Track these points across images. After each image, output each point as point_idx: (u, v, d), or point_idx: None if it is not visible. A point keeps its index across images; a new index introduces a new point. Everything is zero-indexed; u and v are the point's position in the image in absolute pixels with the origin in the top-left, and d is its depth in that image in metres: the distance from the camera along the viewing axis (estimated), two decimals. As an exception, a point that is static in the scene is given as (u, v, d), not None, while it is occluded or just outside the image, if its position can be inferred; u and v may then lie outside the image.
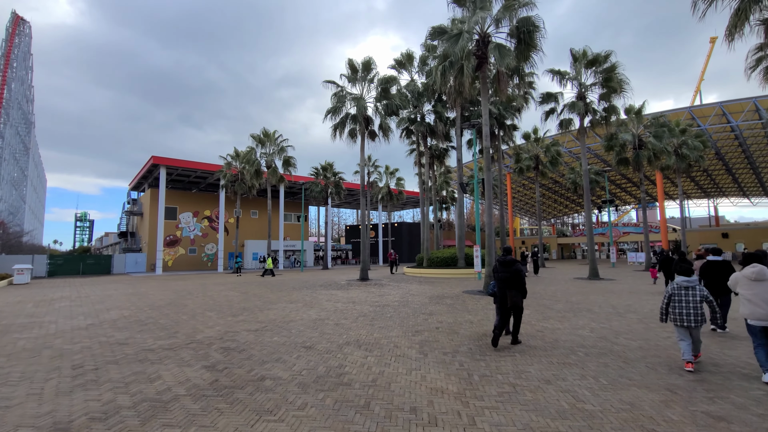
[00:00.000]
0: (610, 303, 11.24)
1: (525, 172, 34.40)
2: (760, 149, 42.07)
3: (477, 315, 9.47)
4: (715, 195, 66.26)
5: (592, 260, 20.25)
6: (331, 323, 8.58)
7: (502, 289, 6.50)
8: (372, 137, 21.76)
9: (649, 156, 26.61)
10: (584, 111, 20.33)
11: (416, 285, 17.42)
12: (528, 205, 76.23)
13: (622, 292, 13.92)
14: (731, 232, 45.53)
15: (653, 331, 7.53)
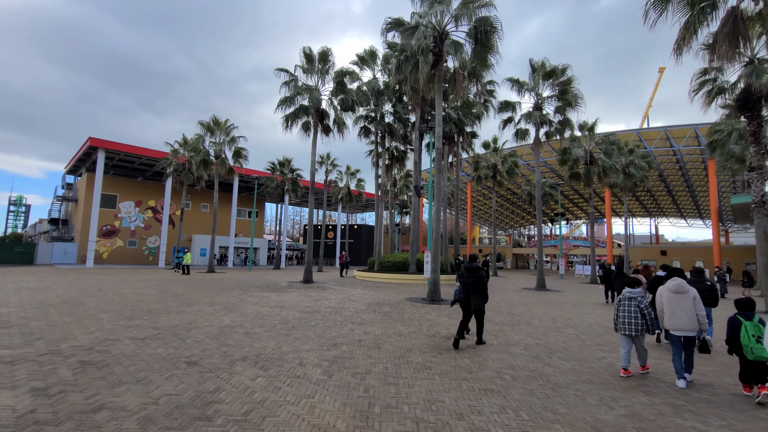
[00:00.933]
0: (551, 316, 10.87)
1: (483, 180, 34.60)
2: (698, 174, 45.07)
3: (410, 326, 8.67)
4: (657, 214, 70.75)
5: (541, 271, 20.27)
6: (240, 332, 7.44)
7: (466, 294, 6.97)
8: (326, 132, 20.67)
9: (599, 172, 27.41)
10: (540, 122, 20.40)
11: (361, 290, 16.49)
12: (487, 215, 77.73)
13: (565, 305, 13.73)
14: (669, 250, 48.45)
15: (588, 349, 7.04)
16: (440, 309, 11.51)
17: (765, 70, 13.93)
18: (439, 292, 13.27)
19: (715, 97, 15.79)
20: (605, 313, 11.85)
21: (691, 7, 8.69)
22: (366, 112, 25.17)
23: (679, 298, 5.24)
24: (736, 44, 7.95)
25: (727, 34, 7.89)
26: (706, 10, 8.24)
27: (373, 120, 24.93)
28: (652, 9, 8.92)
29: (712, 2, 8.30)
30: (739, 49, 8.05)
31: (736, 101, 15.13)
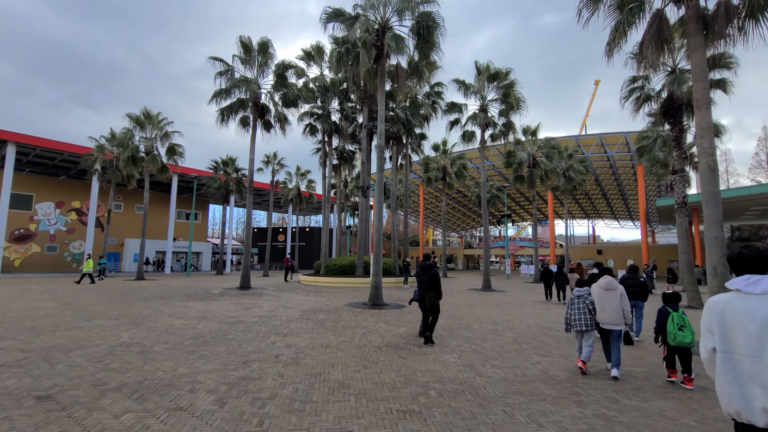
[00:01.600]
0: (492, 318, 10.64)
1: (433, 182, 34.79)
2: (628, 178, 48.65)
3: (342, 335, 7.94)
4: (594, 216, 75.82)
5: (486, 272, 20.42)
6: (134, 352, 6.30)
7: (422, 291, 7.40)
8: (267, 128, 19.45)
9: (542, 175, 28.44)
10: (485, 124, 20.61)
11: (301, 295, 15.50)
12: (440, 216, 79.08)
13: (507, 305, 13.70)
14: (604, 250, 51.85)
15: (524, 354, 6.72)
16: (381, 314, 10.90)
17: (685, 79, 14.90)
18: (382, 296, 12.68)
19: (642, 104, 16.68)
20: (544, 313, 11.88)
21: (620, 9, 8.80)
22: (311, 109, 24.17)
23: (608, 295, 5.65)
24: (662, 47, 8.11)
25: (653, 35, 8.02)
26: (633, 11, 8.34)
27: (319, 117, 23.99)
28: (585, 8, 8.95)
29: (639, 4, 8.41)
30: (664, 54, 8.18)
31: (661, 108, 16.09)
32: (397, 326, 9.07)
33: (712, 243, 7.36)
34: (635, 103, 16.56)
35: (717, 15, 7.71)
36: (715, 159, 7.51)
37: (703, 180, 7.57)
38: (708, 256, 7.44)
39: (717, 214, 7.37)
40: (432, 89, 25.56)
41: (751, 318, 1.87)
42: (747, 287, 1.93)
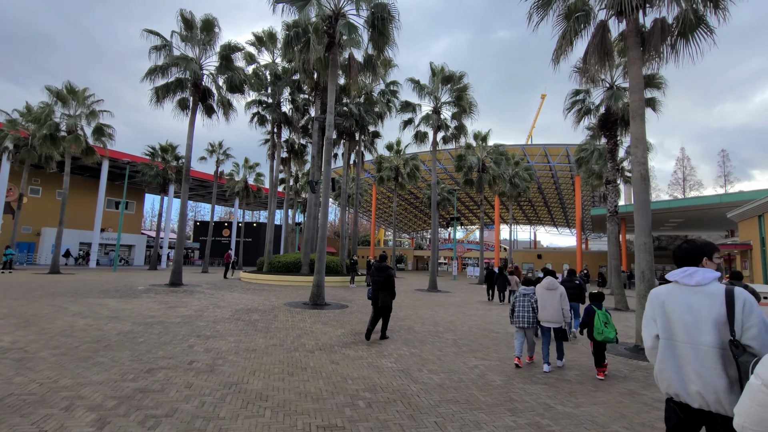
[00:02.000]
0: (434, 319, 10.48)
1: (386, 182, 34.64)
2: (567, 189, 51.89)
3: (273, 338, 7.29)
4: (536, 223, 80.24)
5: (433, 272, 20.51)
6: (10, 359, 5.23)
7: (376, 291, 7.56)
8: (209, 113, 18.05)
9: (490, 180, 29.32)
10: (437, 125, 20.71)
11: (238, 294, 14.47)
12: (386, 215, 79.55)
13: (451, 306, 13.70)
14: (544, 254, 54.93)
15: (463, 357, 6.53)
16: (320, 315, 10.33)
17: (621, 95, 15.87)
18: (323, 296, 12.10)
19: (582, 116, 17.57)
20: (486, 314, 11.98)
21: (567, 18, 8.99)
22: (260, 98, 22.91)
23: (549, 295, 6.07)
24: (604, 57, 8.38)
25: (597, 45, 8.27)
26: (580, 20, 8.55)
27: (268, 107, 22.79)
28: (535, 13, 9.04)
29: (585, 13, 8.63)
30: (605, 66, 8.45)
31: (599, 122, 17.04)
32: (335, 328, 8.57)
33: (641, 248, 7.67)
34: (576, 115, 17.41)
35: (653, 31, 8.09)
36: (647, 168, 7.86)
37: (636, 188, 7.89)
38: (637, 261, 7.75)
39: (646, 222, 7.70)
40: (387, 87, 25.31)
41: (688, 308, 1.99)
42: (684, 279, 2.06)
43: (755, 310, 1.87)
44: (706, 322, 1.93)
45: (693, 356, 1.93)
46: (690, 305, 1.99)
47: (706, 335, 1.92)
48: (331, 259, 22.06)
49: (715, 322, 1.91)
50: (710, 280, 2.00)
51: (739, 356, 1.80)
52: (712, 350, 1.89)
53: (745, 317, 1.86)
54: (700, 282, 2.00)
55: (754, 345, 1.81)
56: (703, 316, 1.94)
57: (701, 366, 1.90)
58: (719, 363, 1.87)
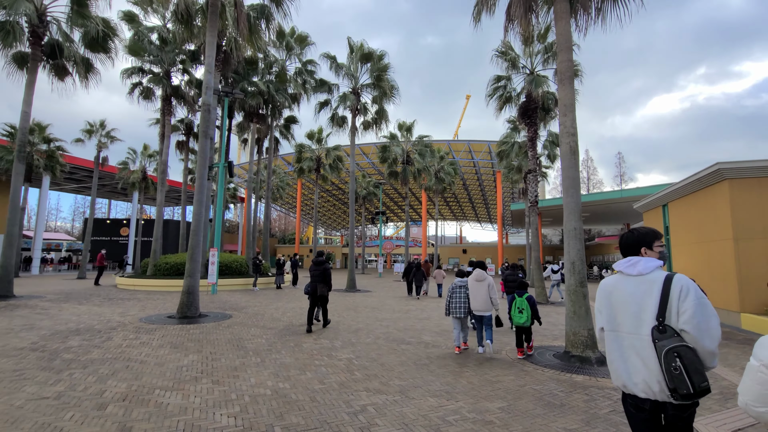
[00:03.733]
0: (337, 328, 8.49)
1: (307, 173, 32.03)
2: (489, 185, 53.64)
3: (65, 381, 4.68)
4: (461, 219, 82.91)
5: (351, 271, 18.60)
6: None
7: (314, 283, 8.27)
8: (60, 75, 14.04)
9: (415, 172, 28.28)
10: (356, 108, 18.78)
11: (88, 306, 11.09)
12: (319, 213, 76.51)
13: (365, 309, 11.85)
14: (468, 249, 56.31)
15: (349, 392, 4.59)
16: (181, 332, 7.75)
17: (541, 82, 15.35)
18: (197, 305, 9.47)
19: (504, 104, 16.87)
20: (401, 317, 10.30)
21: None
22: (142, 65, 18.97)
23: (478, 286, 6.31)
24: (528, 10, 6.95)
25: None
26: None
27: (154, 77, 18.94)
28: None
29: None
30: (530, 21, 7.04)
31: (519, 110, 16.44)
32: (186, 353, 6.13)
33: (571, 235, 6.43)
34: (498, 101, 16.66)
35: (582, -17, 6.93)
36: (577, 140, 6.67)
37: (564, 163, 6.66)
38: (566, 250, 6.51)
39: (576, 203, 6.50)
40: (304, 66, 22.78)
41: (632, 298, 1.98)
42: (627, 269, 2.05)
43: (692, 294, 1.85)
44: (647, 310, 1.92)
45: (637, 346, 1.92)
46: (633, 295, 1.98)
47: (647, 323, 1.90)
48: (234, 258, 19.03)
49: (654, 310, 1.89)
50: (651, 270, 1.98)
51: (658, 340, 1.82)
52: (649, 338, 1.87)
53: (681, 302, 1.85)
54: (641, 272, 1.99)
55: (688, 328, 1.81)
56: (645, 305, 1.93)
57: (644, 355, 1.88)
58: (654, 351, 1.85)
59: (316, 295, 8.18)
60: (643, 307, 1.91)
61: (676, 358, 1.74)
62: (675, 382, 1.73)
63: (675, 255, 13.95)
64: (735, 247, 10.16)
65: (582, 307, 6.15)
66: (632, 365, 1.91)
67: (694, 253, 12.43)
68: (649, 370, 1.85)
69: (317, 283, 8.13)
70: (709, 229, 11.50)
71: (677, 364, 1.73)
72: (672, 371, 1.74)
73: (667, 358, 1.76)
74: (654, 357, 1.82)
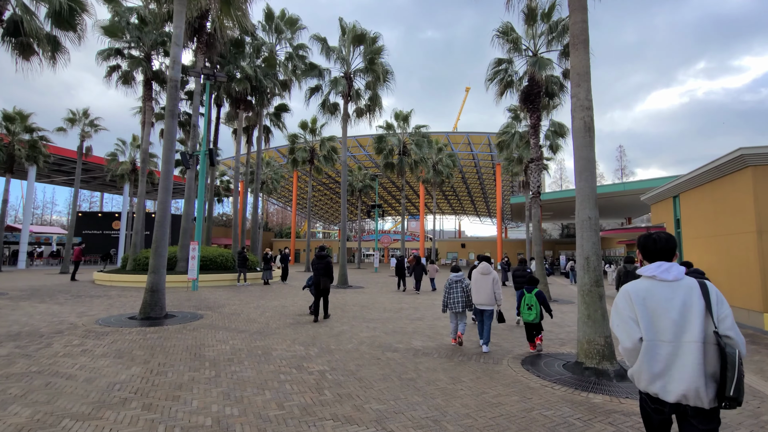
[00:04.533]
0: (317, 330, 7.56)
1: (300, 164, 30.97)
2: (489, 178, 52.63)
3: None
4: (460, 213, 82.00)
5: (343, 266, 17.64)
6: None
7: (317, 277, 8.64)
8: (25, 54, 12.96)
9: (411, 164, 27.26)
10: (348, 93, 17.71)
11: (48, 305, 10.14)
12: (316, 207, 75.63)
13: (353, 307, 10.93)
14: (467, 244, 55.44)
15: (311, 420, 3.65)
16: (138, 336, 6.80)
17: (546, 63, 14.30)
18: (162, 304, 8.52)
19: (505, 89, 15.84)
20: (391, 318, 9.37)
21: None
22: (121, 47, 17.84)
23: (483, 279, 6.28)
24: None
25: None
26: None
27: (133, 60, 17.82)
28: None
29: None
30: None
31: (522, 95, 15.41)
32: (128, 365, 5.18)
33: (584, 226, 5.47)
34: (499, 86, 15.64)
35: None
36: (592, 115, 5.68)
37: (577, 142, 5.68)
38: (579, 243, 5.55)
39: (591, 187, 5.54)
40: (295, 52, 21.70)
41: (671, 304, 1.92)
42: (662, 274, 1.97)
43: (725, 301, 1.90)
44: (692, 317, 1.88)
45: (675, 353, 1.88)
46: (671, 301, 1.93)
47: (691, 331, 1.87)
48: (220, 253, 18.07)
49: (700, 316, 1.87)
50: (683, 274, 1.97)
51: (725, 347, 1.79)
52: (694, 345, 1.85)
53: (719, 308, 1.87)
54: (677, 277, 1.96)
55: (732, 334, 1.82)
56: (688, 312, 1.89)
57: (683, 362, 1.85)
58: (700, 357, 1.83)
59: (319, 288, 8.61)
60: (686, 315, 1.88)
61: (741, 365, 1.76)
62: (740, 389, 1.74)
63: (687, 249, 13.02)
64: (758, 240, 9.22)
65: (598, 310, 5.21)
66: (668, 373, 1.88)
67: (710, 247, 11.49)
68: (687, 376, 1.82)
69: (320, 276, 8.57)
70: (728, 221, 10.56)
71: (742, 371, 1.75)
72: (741, 378, 1.74)
73: (739, 365, 1.75)
74: (698, 364, 1.81)
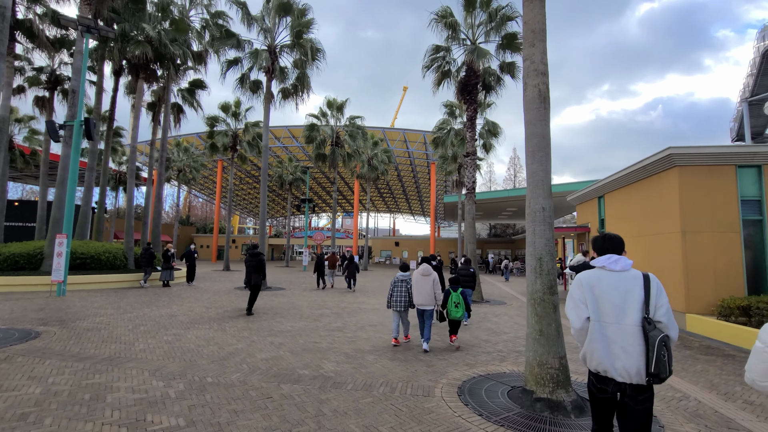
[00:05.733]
0: (199, 352, 5.71)
1: (222, 151, 27.72)
2: (424, 177, 52.90)
3: None
4: (395, 211, 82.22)
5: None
6: None
7: (249, 274, 9.21)
8: None
9: (345, 156, 25.68)
10: (271, 68, 15.63)
11: None
12: (245, 201, 70.68)
13: (263, 314, 9.09)
14: (401, 242, 55.33)
15: None
16: None
17: (484, 53, 13.67)
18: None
19: (443, 78, 14.99)
20: (307, 328, 7.77)
21: None
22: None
23: (423, 280, 6.43)
24: None
25: None
26: None
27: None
28: None
29: None
30: None
31: (459, 84, 14.69)
32: None
33: (536, 218, 4.40)
34: (436, 73, 14.74)
35: None
36: (548, 82, 4.66)
37: (530, 115, 4.61)
38: (530, 240, 4.47)
39: (545, 170, 4.49)
40: (212, 19, 18.86)
41: (615, 291, 2.21)
42: (610, 265, 2.29)
43: (663, 292, 2.19)
44: (631, 303, 2.16)
45: (619, 335, 2.14)
46: (616, 288, 2.21)
47: (631, 315, 2.15)
48: (106, 248, 14.83)
49: (638, 303, 2.15)
50: (629, 267, 2.27)
51: (649, 331, 2.08)
52: (635, 328, 2.13)
53: (657, 298, 2.16)
54: (624, 267, 2.25)
55: (664, 320, 2.13)
56: (629, 298, 2.17)
57: (626, 343, 2.12)
58: (640, 339, 2.11)
59: (250, 283, 9.10)
60: (627, 300, 2.17)
61: (664, 347, 2.03)
62: (660, 367, 2.02)
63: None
64: (682, 240, 9.23)
65: (552, 323, 4.15)
66: (613, 353, 2.15)
67: (635, 247, 11.58)
68: (629, 356, 2.10)
69: (252, 273, 9.06)
70: (654, 221, 10.62)
71: (665, 352, 2.02)
72: (661, 357, 2.02)
73: (659, 346, 2.02)
74: (638, 345, 2.10)
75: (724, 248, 9.02)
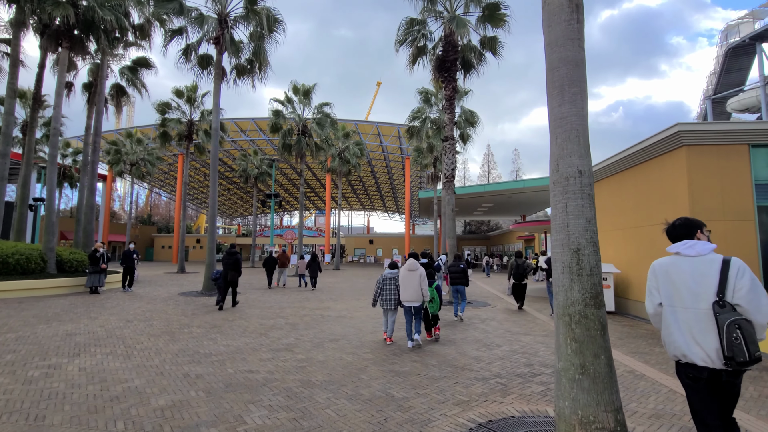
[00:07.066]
0: (86, 380, 3.84)
1: (176, 140, 25.14)
2: (398, 174, 51.42)
3: None
4: (369, 209, 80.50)
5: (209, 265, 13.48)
6: None
7: (226, 270, 9.80)
8: None
9: (313, 146, 23.74)
10: (221, 38, 13.55)
11: None
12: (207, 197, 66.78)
13: (197, 329, 7.21)
14: (375, 240, 53.71)
15: None
16: None
17: (464, 23, 12.17)
18: None
19: (419, 55, 13.46)
20: (248, 345, 5.96)
21: None
22: None
23: (410, 275, 6.30)
24: None
25: None
26: None
27: None
28: None
29: None
30: None
31: (436, 62, 13.16)
32: None
33: (569, 187, 2.82)
34: (411, 48, 13.16)
35: None
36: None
37: (555, 32, 3.01)
38: (559, 222, 2.87)
39: (581, 115, 2.91)
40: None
41: (690, 276, 2.15)
42: (685, 250, 2.21)
43: (747, 274, 2.05)
44: (705, 287, 2.08)
45: (694, 319, 2.08)
46: (692, 273, 2.14)
47: (705, 299, 2.06)
48: (17, 249, 12.28)
49: (713, 287, 2.06)
50: (708, 251, 2.16)
51: (719, 314, 2.01)
52: (706, 312, 2.05)
53: (737, 280, 2.04)
54: (700, 252, 2.16)
55: (742, 303, 2.01)
56: (704, 282, 2.09)
57: (701, 328, 2.05)
58: (711, 323, 2.03)
59: (227, 280, 9.78)
60: (702, 285, 2.09)
61: (737, 329, 1.94)
62: (734, 350, 1.93)
63: (602, 243, 12.05)
64: (691, 231, 8.09)
65: (601, 355, 2.58)
66: (690, 337, 2.09)
67: (631, 239, 10.40)
68: (706, 340, 2.03)
69: (229, 270, 9.74)
70: (654, 210, 9.42)
71: (738, 335, 1.93)
72: (732, 341, 1.94)
73: (729, 329, 1.95)
74: (713, 329, 2.02)
75: (737, 239, 7.87)
